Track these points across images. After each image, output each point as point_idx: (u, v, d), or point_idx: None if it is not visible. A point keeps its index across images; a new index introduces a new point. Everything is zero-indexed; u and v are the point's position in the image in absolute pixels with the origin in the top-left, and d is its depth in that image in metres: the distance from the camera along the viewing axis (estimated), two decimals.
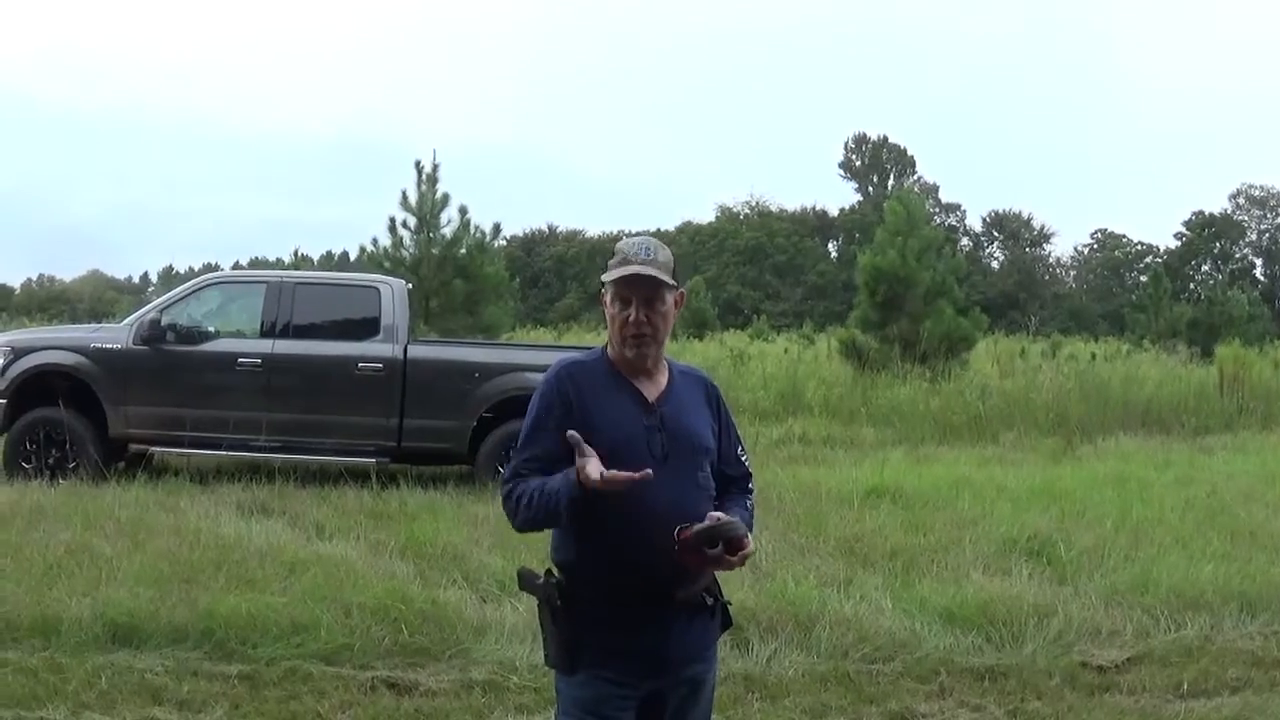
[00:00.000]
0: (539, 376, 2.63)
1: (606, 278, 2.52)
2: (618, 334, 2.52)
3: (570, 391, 2.48)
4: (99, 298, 62.38)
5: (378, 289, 9.58)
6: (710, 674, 2.63)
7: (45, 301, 60.18)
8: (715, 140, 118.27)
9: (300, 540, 6.79)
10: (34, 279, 73.31)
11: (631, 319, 2.48)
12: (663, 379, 2.57)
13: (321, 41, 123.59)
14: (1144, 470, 10.02)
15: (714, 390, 2.68)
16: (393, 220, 15.77)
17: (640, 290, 2.48)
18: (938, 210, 75.14)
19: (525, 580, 2.57)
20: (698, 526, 2.32)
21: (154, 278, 72.31)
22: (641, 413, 2.50)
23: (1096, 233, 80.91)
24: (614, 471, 2.28)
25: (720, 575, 2.56)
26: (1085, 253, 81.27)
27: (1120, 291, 69.90)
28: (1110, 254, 79.36)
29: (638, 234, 2.78)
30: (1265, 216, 77.75)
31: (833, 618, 5.27)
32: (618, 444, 2.42)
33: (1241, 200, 77.88)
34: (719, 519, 2.34)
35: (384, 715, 4.37)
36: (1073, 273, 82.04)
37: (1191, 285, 65.00)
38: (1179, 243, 76.21)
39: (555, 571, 2.51)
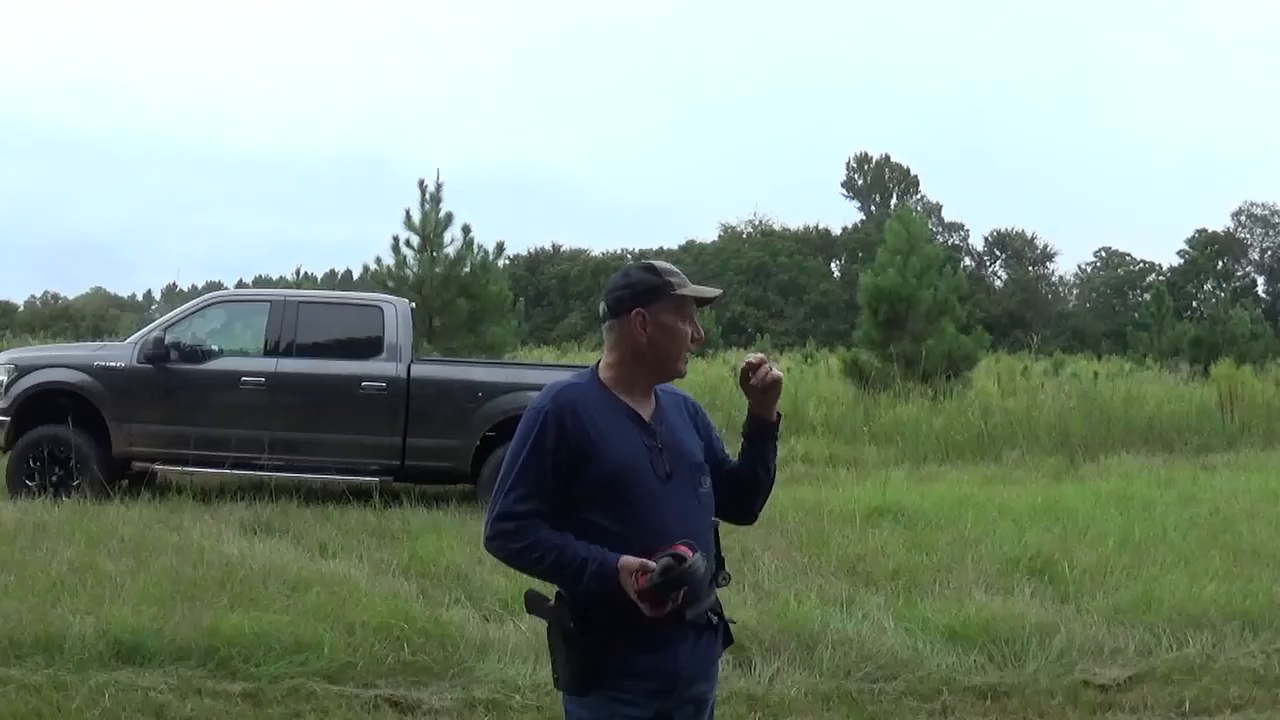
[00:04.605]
0: None
1: (685, 291, 2.53)
2: (682, 348, 2.54)
3: (567, 418, 2.44)
4: (102, 315, 62.39)
5: (381, 308, 9.63)
6: (714, 692, 2.65)
7: (49, 319, 60.14)
8: (718, 159, 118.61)
9: (303, 559, 6.80)
10: (38, 296, 73.32)
11: (693, 335, 2.55)
12: (652, 398, 2.58)
13: (326, 61, 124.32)
14: (1146, 489, 10.00)
15: (692, 405, 2.71)
16: (396, 239, 15.81)
17: (696, 308, 2.58)
18: (940, 229, 75.24)
19: (534, 604, 2.53)
20: (654, 571, 2.31)
21: (158, 295, 72.36)
22: (641, 433, 2.50)
23: (1099, 251, 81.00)
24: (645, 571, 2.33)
25: (721, 593, 2.57)
26: (1088, 271, 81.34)
27: (1123, 310, 69.82)
28: (1113, 272, 79.35)
29: (641, 254, 2.81)
30: (1268, 234, 77.74)
31: (835, 637, 5.27)
32: (621, 466, 2.43)
33: (1244, 218, 77.91)
34: (668, 564, 2.31)
35: None
36: (1075, 291, 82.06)
37: (1194, 303, 64.97)
38: (1182, 261, 76.15)
39: (565, 594, 2.48)
